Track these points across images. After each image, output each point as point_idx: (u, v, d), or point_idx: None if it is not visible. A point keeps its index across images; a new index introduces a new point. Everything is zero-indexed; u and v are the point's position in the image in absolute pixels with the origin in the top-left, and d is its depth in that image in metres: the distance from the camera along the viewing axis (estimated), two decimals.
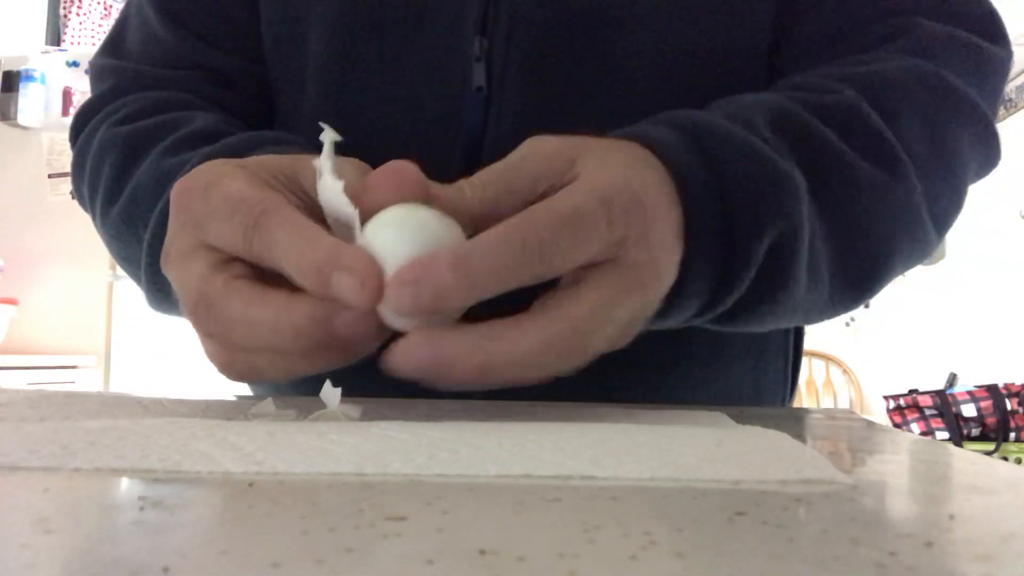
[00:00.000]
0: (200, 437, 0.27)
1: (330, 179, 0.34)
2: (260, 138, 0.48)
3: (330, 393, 0.36)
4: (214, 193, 0.35)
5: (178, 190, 0.36)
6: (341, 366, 0.34)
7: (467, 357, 0.30)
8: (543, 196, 0.34)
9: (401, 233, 0.31)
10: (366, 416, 0.35)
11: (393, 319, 0.32)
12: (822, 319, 0.48)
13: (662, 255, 0.35)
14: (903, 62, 0.48)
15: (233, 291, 0.33)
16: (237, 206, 0.34)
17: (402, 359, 0.31)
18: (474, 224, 0.33)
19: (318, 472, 0.23)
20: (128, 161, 0.51)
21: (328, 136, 0.34)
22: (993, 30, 0.52)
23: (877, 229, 0.44)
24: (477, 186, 0.34)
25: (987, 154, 0.51)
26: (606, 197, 0.32)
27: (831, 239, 0.42)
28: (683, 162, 0.37)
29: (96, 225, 0.54)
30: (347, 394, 0.37)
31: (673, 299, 0.38)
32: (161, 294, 0.47)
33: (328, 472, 0.23)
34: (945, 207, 0.48)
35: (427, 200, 0.33)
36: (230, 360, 0.35)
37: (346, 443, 0.26)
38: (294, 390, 0.58)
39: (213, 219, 0.34)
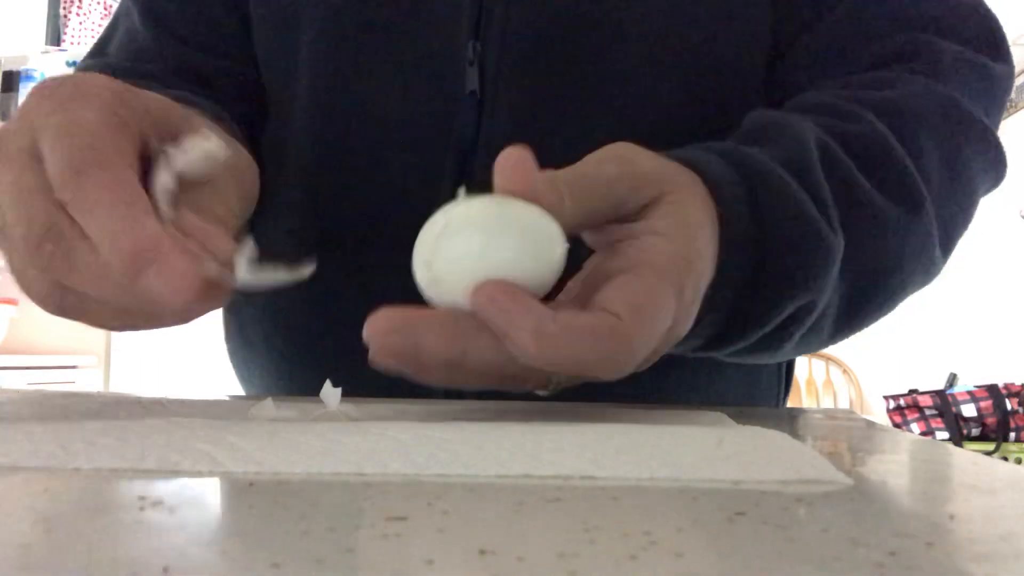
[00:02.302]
0: (200, 437, 0.27)
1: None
2: (188, 101, 0.47)
3: (330, 393, 0.36)
4: (64, 99, 0.32)
5: (37, 85, 0.34)
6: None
7: (439, 347, 0.30)
8: (618, 218, 0.34)
9: (499, 239, 0.30)
10: (366, 416, 0.35)
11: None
12: (812, 352, 0.49)
13: (684, 332, 0.35)
14: (919, 87, 0.48)
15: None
16: (65, 140, 0.30)
17: (376, 339, 0.30)
18: None
19: (318, 472, 0.23)
20: None
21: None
22: (998, 48, 0.53)
23: (894, 271, 0.44)
24: (573, 200, 0.32)
25: (995, 177, 0.51)
26: (677, 287, 0.32)
27: (848, 285, 0.43)
28: (735, 215, 0.37)
29: None
30: (347, 394, 0.37)
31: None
32: None
33: (328, 472, 0.23)
34: (955, 233, 0.48)
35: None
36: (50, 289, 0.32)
37: (346, 443, 0.26)
38: (293, 391, 0.58)
39: (45, 130, 0.31)
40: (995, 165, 0.50)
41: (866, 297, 0.44)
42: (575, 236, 0.34)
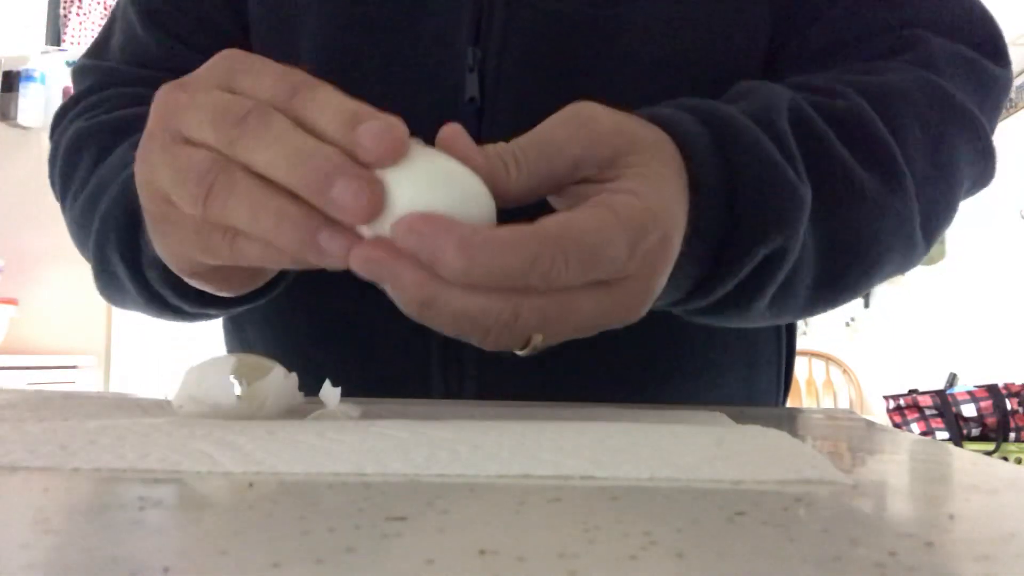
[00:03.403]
0: (199, 437, 0.27)
1: None
2: None
3: (330, 393, 0.36)
4: (262, 60, 0.33)
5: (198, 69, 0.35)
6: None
7: (413, 288, 0.30)
8: (581, 179, 0.34)
9: (427, 190, 0.30)
10: (365, 416, 0.35)
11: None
12: (787, 321, 0.48)
13: (658, 286, 0.34)
14: (909, 73, 0.48)
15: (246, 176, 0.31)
16: (293, 72, 0.33)
17: (359, 262, 0.30)
18: (503, 201, 0.33)
19: (318, 472, 0.23)
20: (105, 151, 0.51)
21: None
22: (997, 51, 0.53)
23: (870, 242, 0.44)
24: (521, 168, 0.33)
25: (983, 170, 0.51)
26: (637, 234, 0.32)
27: (823, 248, 0.43)
28: (704, 165, 0.37)
29: (64, 214, 0.55)
30: (346, 394, 0.37)
31: None
32: (106, 275, 0.47)
33: (328, 472, 0.23)
34: (937, 220, 0.48)
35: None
36: (214, 241, 0.33)
37: (346, 442, 0.26)
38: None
39: (249, 72, 0.33)
40: (983, 157, 0.50)
41: (842, 266, 0.44)
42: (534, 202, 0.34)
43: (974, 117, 0.49)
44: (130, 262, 0.45)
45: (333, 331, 0.56)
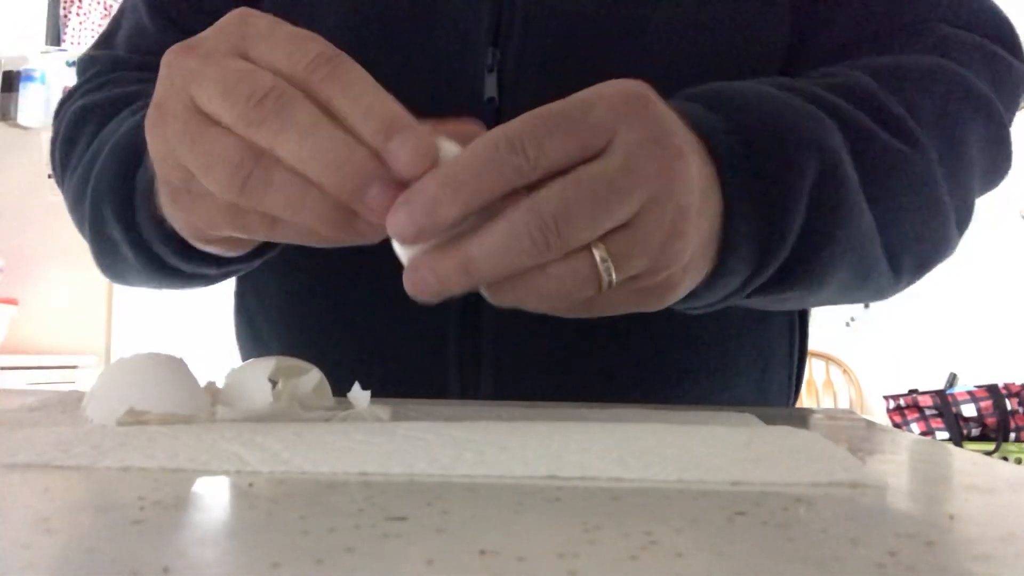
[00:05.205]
0: (228, 439, 0.27)
1: None
2: None
3: (359, 395, 0.36)
4: (276, 24, 0.33)
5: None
6: (342, 242, 0.34)
7: (447, 258, 0.30)
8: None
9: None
10: (395, 417, 0.35)
11: (403, 252, 0.32)
12: (864, 296, 0.46)
13: (681, 160, 0.33)
14: (921, 56, 0.48)
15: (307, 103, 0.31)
16: (310, 39, 0.32)
17: (411, 284, 0.31)
18: None
19: (344, 472, 0.23)
20: (107, 122, 0.51)
21: None
22: (1014, 46, 0.52)
23: (899, 199, 0.42)
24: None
25: (997, 155, 0.49)
26: (607, 96, 0.32)
27: (880, 226, 0.41)
28: (706, 123, 0.36)
29: (64, 194, 0.54)
30: (376, 395, 0.37)
31: (719, 269, 0.36)
32: (102, 241, 0.47)
33: (355, 472, 0.23)
34: (958, 200, 0.46)
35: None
36: (251, 221, 0.33)
37: (372, 444, 0.26)
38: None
39: (264, 38, 0.32)
40: (998, 141, 0.49)
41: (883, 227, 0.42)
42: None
43: (988, 99, 0.48)
44: (126, 222, 0.45)
45: (347, 329, 0.56)
